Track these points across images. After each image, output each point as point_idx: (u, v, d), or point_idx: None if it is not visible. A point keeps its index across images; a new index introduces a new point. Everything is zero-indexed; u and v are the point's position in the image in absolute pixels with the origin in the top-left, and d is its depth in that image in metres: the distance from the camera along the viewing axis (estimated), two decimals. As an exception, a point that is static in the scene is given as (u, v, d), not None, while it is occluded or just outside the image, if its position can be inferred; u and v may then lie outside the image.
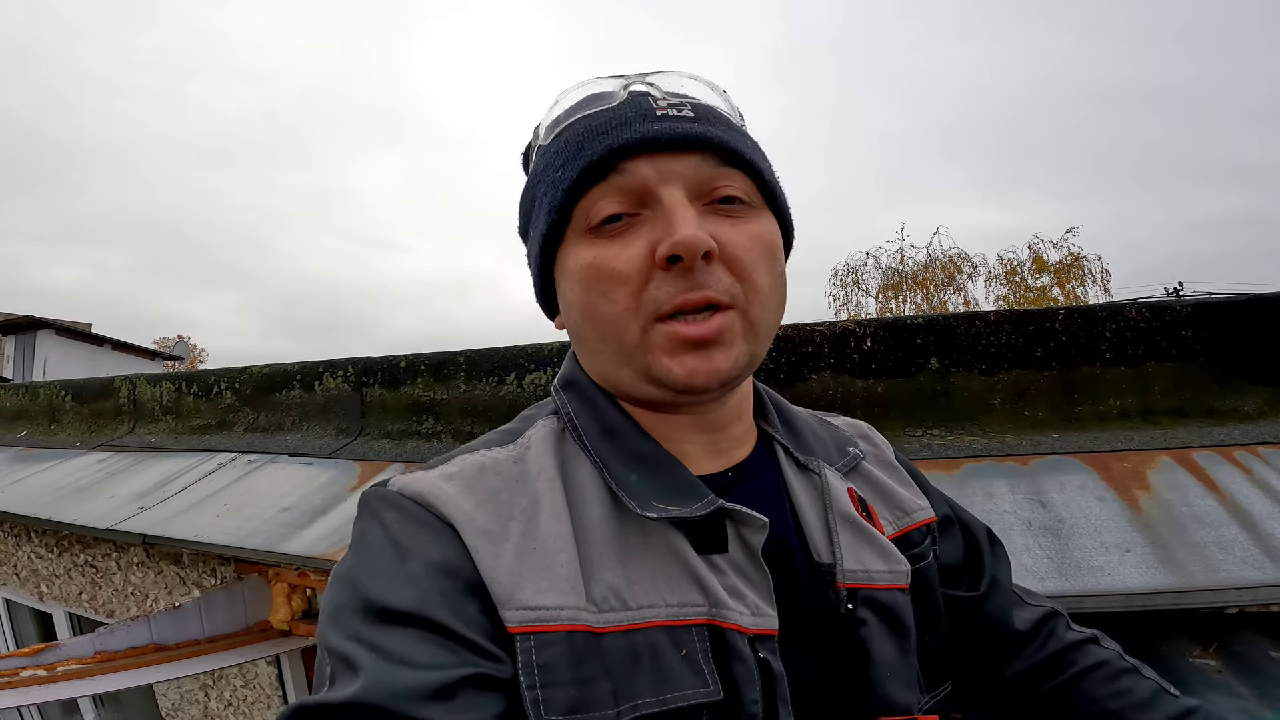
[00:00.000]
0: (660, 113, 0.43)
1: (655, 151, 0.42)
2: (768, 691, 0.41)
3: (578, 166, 0.43)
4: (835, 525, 0.48)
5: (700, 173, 0.43)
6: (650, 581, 0.41)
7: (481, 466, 0.45)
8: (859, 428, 0.61)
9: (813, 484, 0.50)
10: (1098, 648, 0.57)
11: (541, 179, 0.46)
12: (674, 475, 0.45)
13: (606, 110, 0.44)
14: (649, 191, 0.42)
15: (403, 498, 0.43)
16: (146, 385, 2.50)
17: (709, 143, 0.43)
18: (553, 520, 0.42)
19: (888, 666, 0.45)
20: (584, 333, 0.46)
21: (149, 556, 2.09)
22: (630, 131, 0.42)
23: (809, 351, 1.44)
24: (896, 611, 0.47)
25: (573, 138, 0.44)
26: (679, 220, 0.41)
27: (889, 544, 0.49)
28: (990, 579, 0.58)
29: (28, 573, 2.51)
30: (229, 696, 2.10)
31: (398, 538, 0.41)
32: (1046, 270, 12.01)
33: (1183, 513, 1.01)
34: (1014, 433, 1.30)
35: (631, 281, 0.42)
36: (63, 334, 11.17)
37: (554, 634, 0.38)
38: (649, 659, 0.39)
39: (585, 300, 0.44)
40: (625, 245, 0.42)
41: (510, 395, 1.71)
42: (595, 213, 0.43)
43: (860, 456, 0.55)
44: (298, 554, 1.37)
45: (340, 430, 1.95)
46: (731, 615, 0.41)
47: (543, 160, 0.47)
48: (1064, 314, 1.34)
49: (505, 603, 0.39)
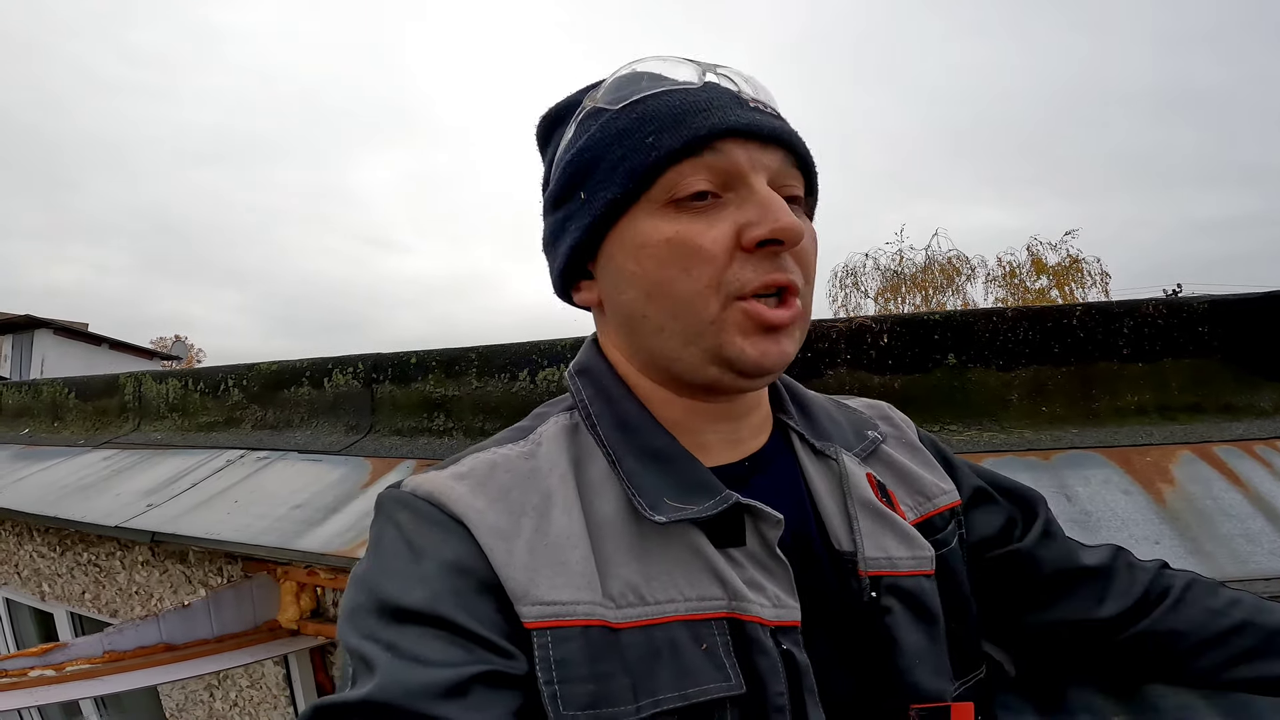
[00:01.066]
0: (753, 105, 0.44)
1: (748, 139, 0.43)
2: (793, 683, 0.40)
3: (679, 137, 0.42)
4: (855, 512, 0.47)
5: (781, 169, 0.44)
6: (668, 577, 0.41)
7: (492, 464, 0.45)
8: (879, 408, 0.60)
9: (830, 471, 0.49)
10: (1174, 572, 0.56)
11: (614, 144, 0.44)
12: (688, 472, 0.45)
13: (698, 90, 0.44)
14: (740, 175, 0.42)
15: (415, 498, 0.43)
16: (152, 382, 2.49)
17: (793, 143, 0.45)
18: (565, 516, 0.42)
19: (916, 654, 0.45)
20: (646, 309, 0.44)
21: (154, 555, 2.07)
22: (733, 116, 0.43)
23: (825, 347, 1.44)
24: (922, 598, 0.46)
25: (663, 109, 0.43)
26: (778, 206, 0.41)
27: (911, 529, 0.49)
28: (1043, 529, 0.57)
29: (29, 572, 2.48)
30: (234, 697, 2.08)
31: (411, 538, 0.41)
32: (1045, 272, 12.06)
33: (1208, 505, 1.01)
34: (1032, 428, 1.30)
35: (717, 260, 0.42)
36: (60, 333, 11.12)
37: (570, 629, 0.38)
38: (669, 654, 0.39)
39: (660, 275, 0.43)
40: (711, 224, 0.42)
41: (523, 392, 1.70)
42: (683, 187, 0.42)
43: (880, 439, 0.54)
44: (312, 551, 1.36)
45: (350, 427, 1.93)
46: (752, 608, 0.41)
47: (612, 125, 0.45)
48: (1081, 310, 1.34)
49: (521, 599, 0.39)
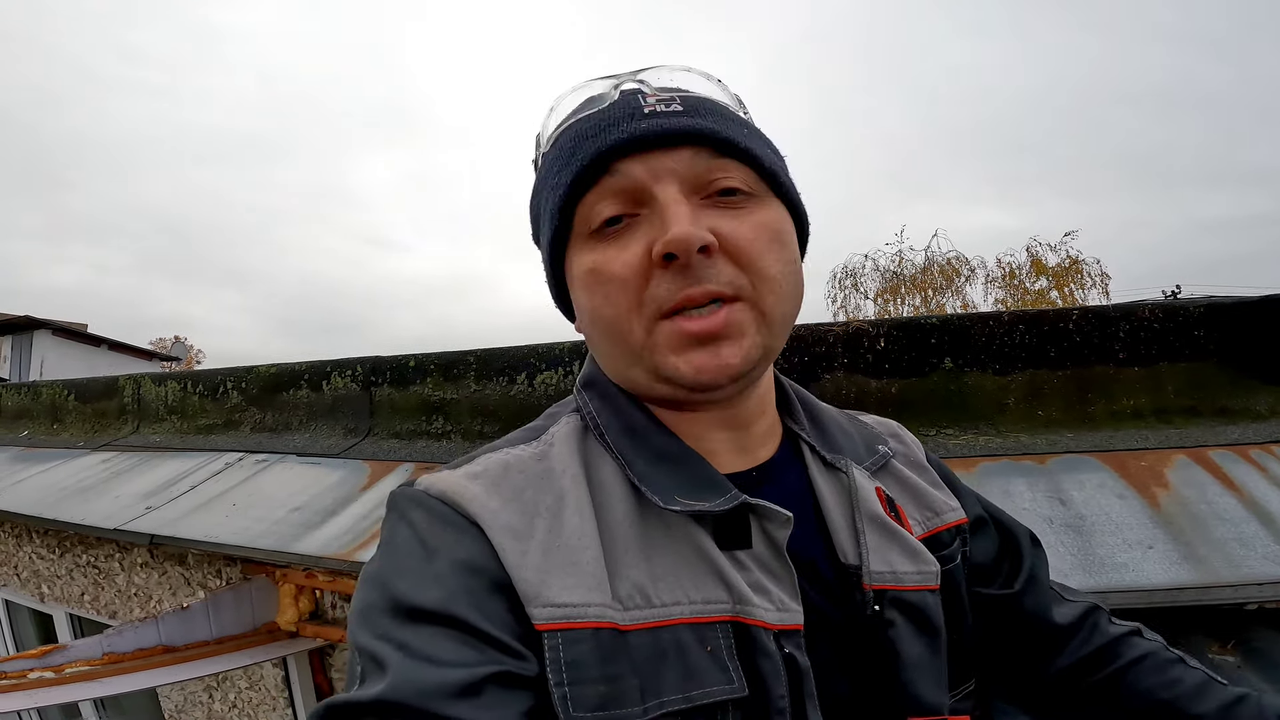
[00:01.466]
0: (649, 110, 0.43)
1: (646, 150, 0.42)
2: (795, 688, 0.40)
3: (571, 172, 0.43)
4: (862, 526, 0.47)
5: (695, 167, 0.42)
6: (675, 578, 0.41)
7: (506, 465, 0.45)
8: (889, 426, 0.60)
9: (840, 483, 0.49)
10: (1142, 640, 0.57)
11: (544, 186, 0.47)
12: (697, 470, 0.45)
13: (597, 113, 0.44)
14: (643, 190, 0.42)
15: (429, 497, 0.43)
16: (151, 385, 2.49)
17: (699, 135, 0.42)
18: (577, 517, 0.42)
19: (916, 667, 0.45)
20: (594, 335, 0.47)
21: (153, 557, 2.07)
22: (618, 132, 0.42)
23: (822, 351, 1.45)
24: (926, 612, 0.47)
25: (566, 143, 0.44)
26: (671, 217, 0.40)
27: (918, 544, 0.49)
28: (1028, 575, 0.58)
29: (29, 573, 2.49)
30: (234, 699, 2.08)
31: (425, 537, 0.41)
32: (1045, 273, 12.05)
33: (1202, 510, 1.01)
34: (1029, 432, 1.30)
35: (631, 283, 0.42)
36: (60, 334, 11.11)
37: (581, 631, 0.38)
38: (674, 656, 0.39)
39: (591, 304, 0.44)
40: (623, 247, 0.42)
41: (521, 395, 1.70)
42: (594, 216, 0.43)
43: (890, 455, 0.54)
44: (311, 554, 1.36)
45: (348, 430, 1.94)
46: (756, 611, 0.41)
47: (544, 167, 0.47)
48: (1078, 314, 1.34)
49: (532, 600, 0.38)
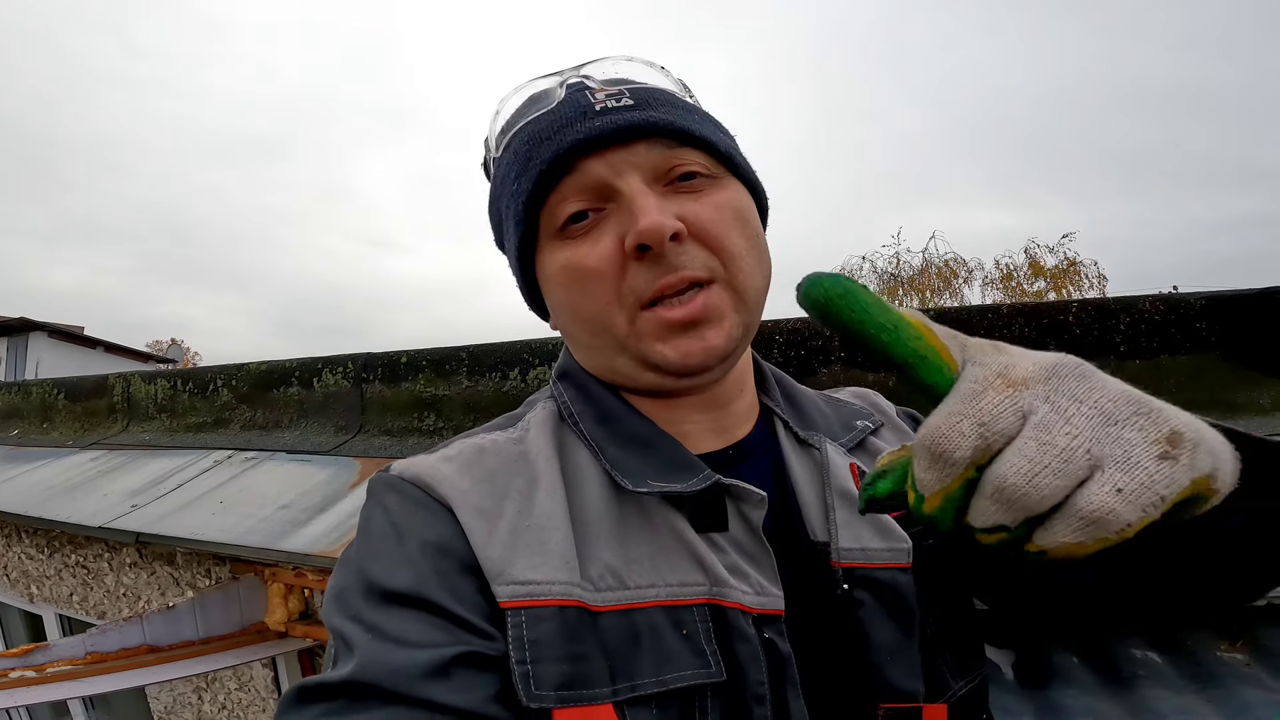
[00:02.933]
0: (599, 106, 0.43)
1: (603, 148, 0.42)
2: (775, 673, 0.40)
3: (531, 176, 0.43)
4: (832, 502, 0.46)
5: (652, 157, 0.43)
6: (650, 561, 0.41)
7: (480, 448, 0.45)
8: (866, 396, 0.59)
9: (813, 460, 0.49)
10: None
11: (501, 192, 0.47)
12: (670, 453, 0.45)
13: (548, 113, 0.44)
14: (606, 185, 0.42)
15: (403, 480, 0.43)
16: (141, 383, 2.46)
17: (654, 128, 0.43)
18: (549, 500, 0.42)
19: (887, 650, 0.43)
20: (575, 331, 0.47)
21: (141, 557, 2.05)
22: (574, 132, 0.42)
23: (819, 345, 1.43)
24: (898, 591, 0.45)
25: (520, 147, 0.44)
26: (640, 208, 0.41)
27: (889, 521, 0.47)
28: None
29: (18, 574, 2.46)
30: (223, 700, 2.06)
31: (396, 520, 0.41)
32: (1043, 275, 12.07)
33: (1205, 505, 0.99)
34: (1028, 426, 1.29)
35: (608, 276, 0.42)
36: (55, 336, 11.08)
37: (545, 609, 0.38)
38: (649, 639, 0.39)
39: (569, 301, 0.45)
40: (595, 242, 0.43)
41: (514, 390, 1.68)
42: (559, 215, 0.43)
43: (869, 428, 0.53)
44: (297, 551, 1.34)
45: (339, 427, 1.91)
46: (733, 594, 0.40)
47: (499, 172, 0.47)
48: (1077, 307, 1.33)
49: (496, 578, 0.39)
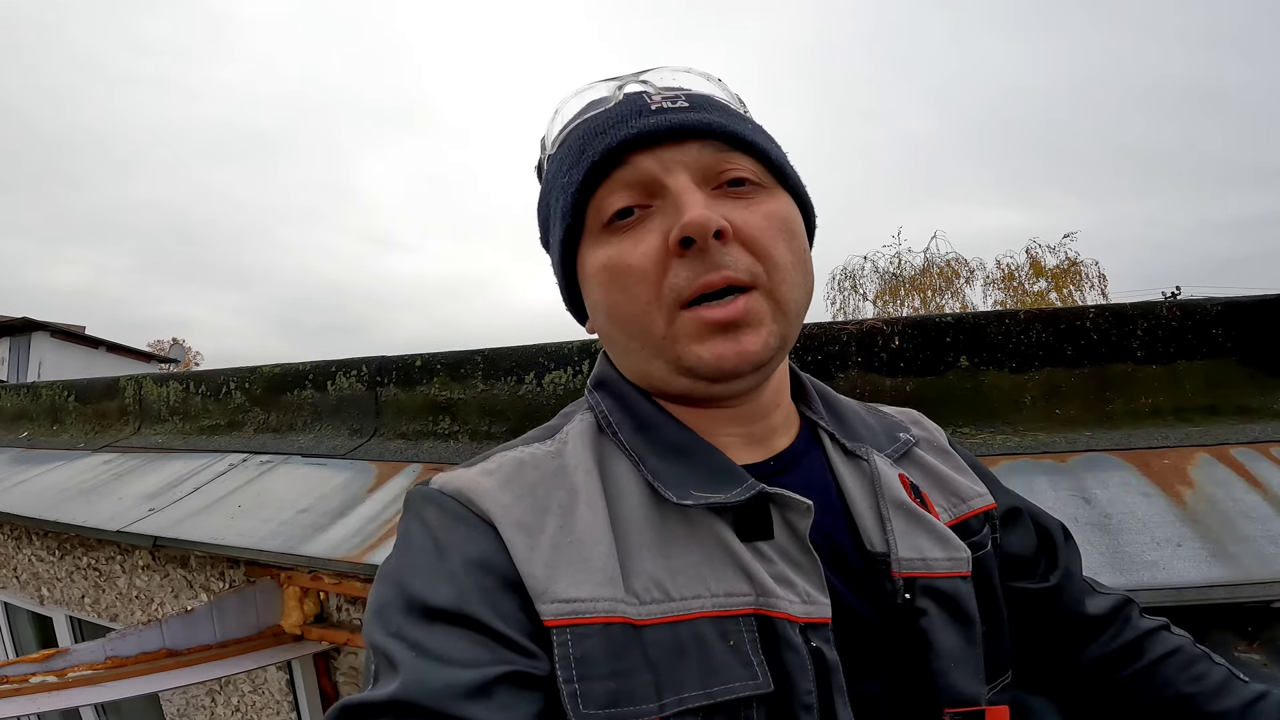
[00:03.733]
0: (655, 106, 0.44)
1: (655, 145, 0.43)
2: (822, 682, 0.40)
3: (583, 168, 0.44)
4: (888, 513, 0.46)
5: (703, 159, 0.43)
6: (695, 571, 0.41)
7: (520, 462, 0.45)
8: (909, 414, 0.60)
9: (861, 471, 0.49)
10: (1170, 635, 0.57)
11: (552, 187, 0.47)
12: (712, 461, 0.44)
13: (604, 112, 0.45)
14: (655, 181, 0.43)
15: (443, 495, 0.43)
16: (153, 385, 2.46)
17: (708, 129, 0.43)
18: (589, 513, 0.42)
19: (951, 657, 0.44)
20: (612, 332, 0.46)
21: (154, 559, 2.05)
22: (628, 128, 0.43)
23: (836, 350, 1.43)
24: (959, 600, 0.46)
25: (574, 142, 0.45)
26: (686, 203, 0.41)
27: (947, 530, 0.48)
28: (1064, 570, 0.58)
29: (28, 575, 2.46)
30: (236, 702, 2.06)
31: (438, 535, 0.41)
32: (1044, 275, 12.07)
33: (1229, 508, 1.00)
34: (1046, 431, 1.29)
35: (649, 274, 0.42)
36: (58, 336, 11.06)
37: (590, 626, 0.38)
38: (695, 651, 0.38)
39: (608, 300, 0.44)
40: (639, 240, 0.43)
41: (529, 395, 1.68)
42: (605, 209, 0.44)
43: (912, 442, 0.54)
44: (319, 556, 1.34)
45: (354, 431, 1.92)
46: (780, 604, 0.40)
47: (551, 169, 0.48)
48: (1095, 312, 1.33)
49: (540, 596, 0.38)
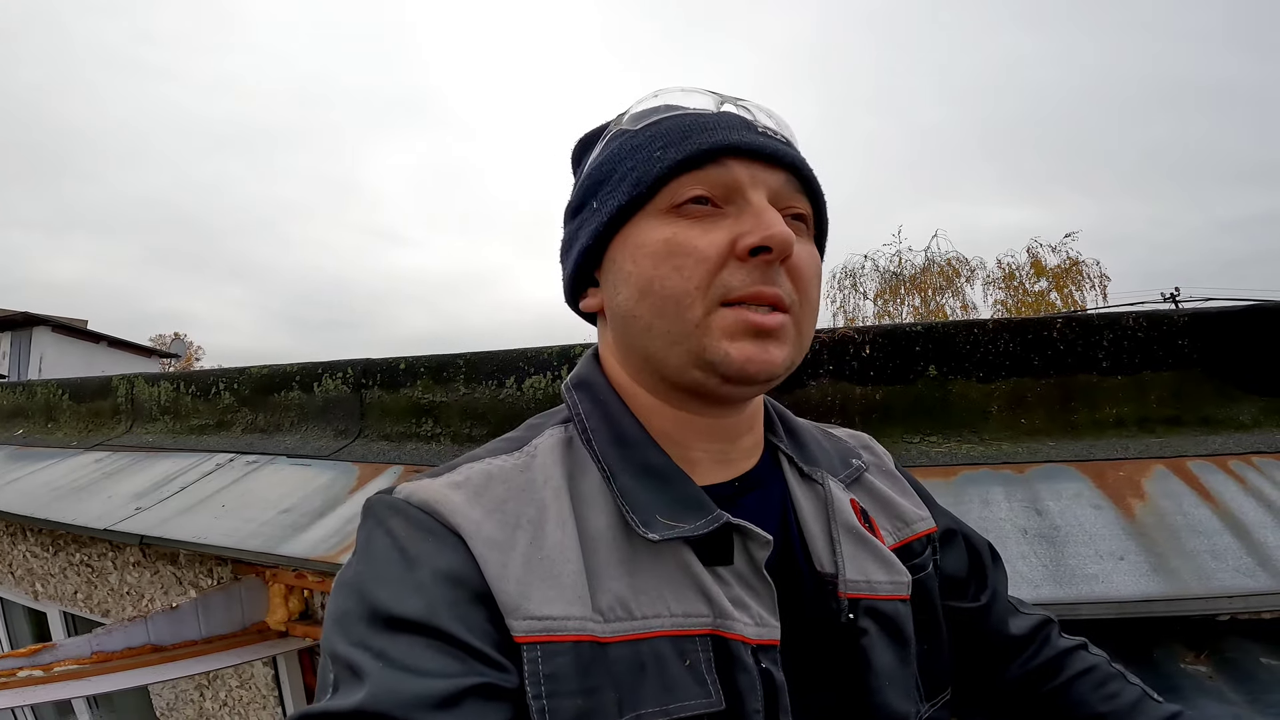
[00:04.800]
0: (761, 129, 0.47)
1: (753, 160, 0.45)
2: (770, 701, 0.41)
3: (683, 150, 0.44)
4: (838, 536, 0.48)
5: (783, 189, 0.46)
6: (656, 592, 0.42)
7: (489, 475, 0.45)
8: (860, 438, 0.62)
9: (816, 494, 0.51)
10: (1086, 654, 0.60)
11: (627, 158, 0.47)
12: (681, 489, 0.45)
13: (713, 114, 0.47)
14: (739, 189, 0.44)
15: (410, 506, 0.42)
16: (145, 385, 2.50)
17: (795, 165, 0.46)
18: (559, 530, 0.42)
19: (887, 675, 0.46)
20: (638, 309, 0.45)
21: (145, 556, 2.08)
22: (738, 136, 0.45)
23: (808, 358, 1.45)
24: (898, 621, 0.48)
25: (674, 127, 0.46)
26: (772, 218, 0.43)
27: (890, 555, 0.50)
28: (992, 591, 0.60)
29: (23, 571, 2.50)
30: (224, 697, 2.09)
31: (405, 546, 0.40)
32: (1045, 274, 12.04)
33: (1177, 521, 1.02)
34: (1011, 440, 1.31)
35: (709, 262, 0.43)
36: (59, 331, 11.08)
37: (561, 644, 0.38)
38: (654, 668, 0.39)
39: (653, 274, 0.44)
40: (707, 230, 0.44)
41: (509, 398, 1.71)
42: (682, 193, 0.45)
43: (863, 468, 0.56)
44: (297, 556, 1.37)
45: (339, 432, 1.95)
46: (735, 626, 0.42)
47: (629, 143, 0.48)
48: (1062, 322, 1.35)
49: (512, 612, 0.39)
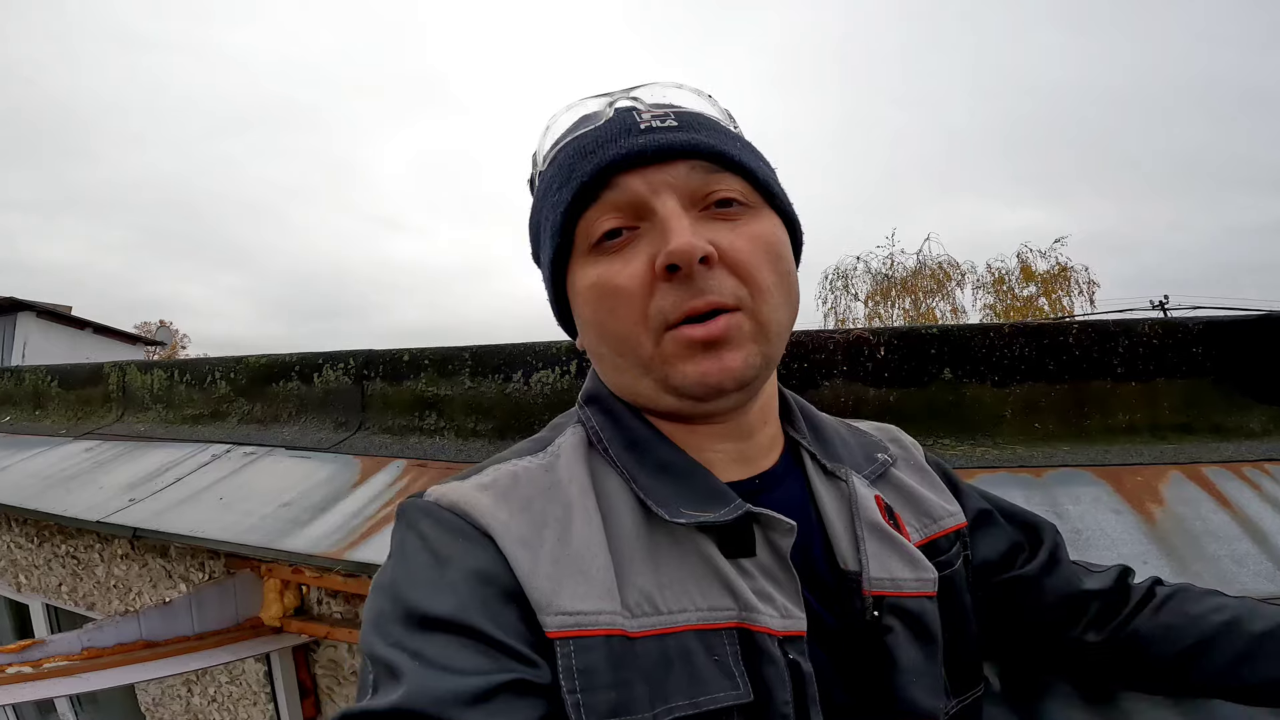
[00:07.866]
0: (644, 126, 0.44)
1: (643, 165, 0.43)
2: (798, 692, 0.41)
3: (571, 188, 0.44)
4: (862, 534, 0.48)
5: (691, 180, 0.43)
6: (681, 586, 0.42)
7: (515, 476, 0.46)
8: (889, 431, 0.61)
9: (839, 491, 0.50)
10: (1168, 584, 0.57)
11: (542, 204, 0.48)
12: (701, 482, 0.46)
13: (594, 130, 0.45)
14: (643, 204, 0.43)
15: (440, 508, 0.43)
16: (137, 372, 2.44)
17: (695, 150, 0.43)
18: (586, 527, 0.43)
19: (913, 672, 0.46)
20: (601, 350, 0.47)
21: (133, 549, 2.04)
22: (616, 148, 0.43)
23: (822, 359, 1.44)
24: (924, 619, 0.48)
25: (564, 160, 0.46)
26: (673, 229, 0.41)
27: (916, 552, 0.49)
28: (1049, 556, 0.58)
29: (6, 563, 2.44)
30: (213, 693, 2.05)
31: (436, 547, 0.41)
32: (1034, 280, 12.17)
33: (1196, 526, 1.02)
34: (1025, 445, 1.31)
35: (636, 296, 0.43)
36: (44, 316, 10.86)
37: (593, 638, 0.39)
38: (681, 662, 0.40)
39: (596, 319, 0.45)
40: (626, 261, 0.43)
41: (516, 393, 1.68)
42: (594, 230, 0.44)
43: (889, 463, 0.55)
44: (299, 552, 1.34)
45: (339, 424, 1.91)
46: (761, 618, 0.42)
47: (543, 185, 0.48)
48: (1077, 328, 1.35)
49: (544, 608, 0.39)
